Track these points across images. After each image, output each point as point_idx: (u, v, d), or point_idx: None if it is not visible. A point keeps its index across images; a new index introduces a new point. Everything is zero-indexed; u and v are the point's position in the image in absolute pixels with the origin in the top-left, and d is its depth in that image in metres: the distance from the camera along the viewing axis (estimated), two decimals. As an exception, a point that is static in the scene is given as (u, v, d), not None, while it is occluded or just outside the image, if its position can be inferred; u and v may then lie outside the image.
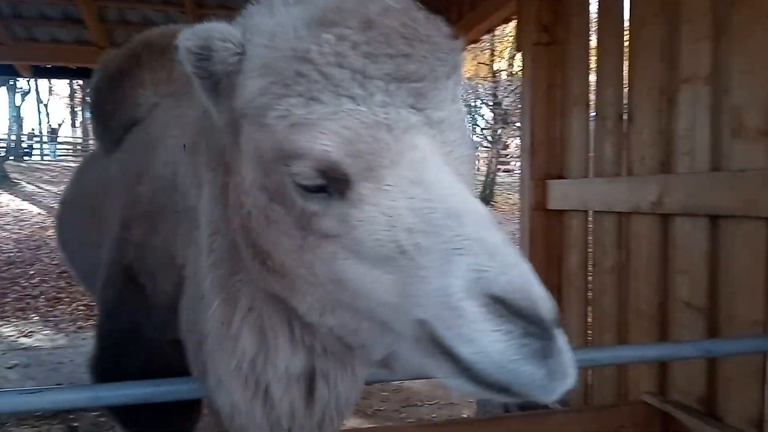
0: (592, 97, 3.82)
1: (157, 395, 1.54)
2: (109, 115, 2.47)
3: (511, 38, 19.10)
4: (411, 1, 1.09)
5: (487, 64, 24.24)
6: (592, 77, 3.84)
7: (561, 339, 0.87)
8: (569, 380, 0.86)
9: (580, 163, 3.95)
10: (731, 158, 2.67)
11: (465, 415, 4.86)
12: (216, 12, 6.81)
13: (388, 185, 0.95)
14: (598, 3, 3.69)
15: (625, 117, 3.44)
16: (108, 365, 2.01)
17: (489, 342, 0.84)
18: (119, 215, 2.20)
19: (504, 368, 0.84)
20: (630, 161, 3.37)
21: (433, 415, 5.00)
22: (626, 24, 3.44)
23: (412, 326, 0.94)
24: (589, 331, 3.89)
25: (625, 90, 3.45)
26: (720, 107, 2.73)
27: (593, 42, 3.83)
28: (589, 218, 3.84)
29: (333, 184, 0.97)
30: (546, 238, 4.23)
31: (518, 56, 4.55)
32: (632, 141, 3.35)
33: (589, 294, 3.86)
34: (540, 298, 0.85)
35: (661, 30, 3.09)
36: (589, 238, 3.85)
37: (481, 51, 23.42)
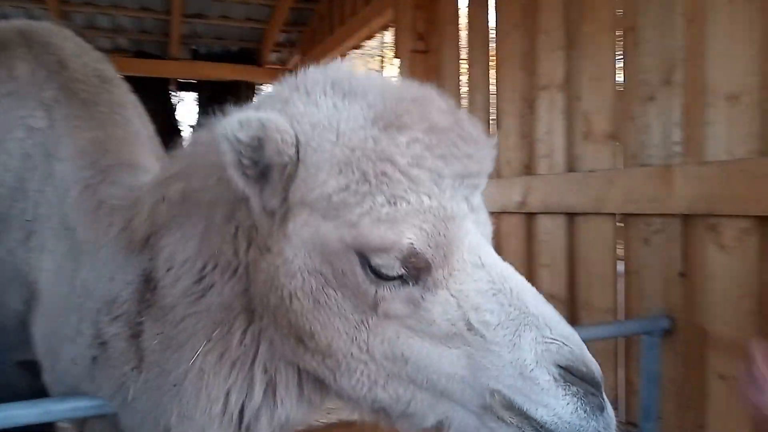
0: (464, 103, 3.99)
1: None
2: None
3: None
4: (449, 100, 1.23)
5: (377, 71, 24.59)
6: (464, 84, 4.01)
7: (605, 396, 1.06)
8: (615, 423, 1.05)
9: (454, 166, 4.09)
10: (583, 159, 2.89)
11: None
12: (81, 9, 6.40)
13: (457, 269, 1.07)
14: (467, 14, 3.87)
15: (493, 122, 3.63)
16: None
17: (562, 406, 1.01)
18: None
19: (575, 425, 1.02)
20: (498, 165, 3.55)
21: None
22: (492, 34, 3.63)
23: (481, 395, 1.06)
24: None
25: (493, 97, 3.63)
26: (573, 112, 2.95)
27: (464, 50, 4.00)
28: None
29: (411, 271, 1.06)
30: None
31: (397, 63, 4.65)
32: (500, 145, 3.51)
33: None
34: (593, 363, 1.04)
35: (522, 40, 3.30)
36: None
37: (371, 57, 23.74)
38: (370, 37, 5.65)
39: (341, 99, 1.16)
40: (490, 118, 3.65)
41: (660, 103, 2.42)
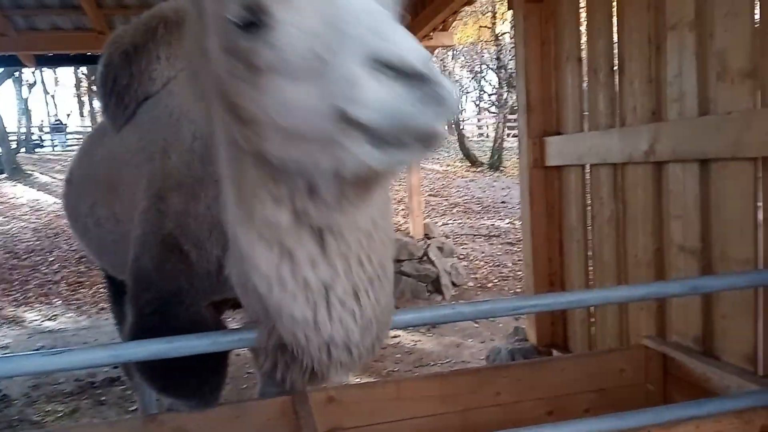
0: (584, 51, 3.85)
1: (173, 351, 1.66)
2: (123, 89, 2.51)
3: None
4: None
5: (489, 27, 23.90)
6: (584, 31, 3.86)
7: (438, 78, 0.98)
8: (447, 104, 0.98)
9: (575, 118, 3.99)
10: (717, 102, 2.71)
11: (476, 372, 5.00)
12: None
13: (298, 4, 1.06)
14: (586, -44, 3.69)
15: (616, 68, 3.48)
16: (150, 334, 2.11)
17: (376, 97, 0.98)
18: (147, 188, 2.28)
19: (395, 116, 0.98)
20: (623, 112, 3.42)
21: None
22: (613, -25, 3.45)
23: (330, 119, 1.05)
24: (590, 283, 3.98)
25: (616, 42, 3.47)
26: (705, 52, 2.76)
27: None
28: (586, 172, 3.90)
29: (258, 16, 1.07)
30: (546, 194, 4.30)
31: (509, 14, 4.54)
32: (624, 91, 3.39)
33: (590, 247, 3.94)
34: (413, 53, 0.98)
35: (647, -21, 3.11)
36: (587, 191, 3.92)
37: (483, 14, 23.10)
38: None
39: None
40: (614, 64, 3.50)
41: (806, 34, 2.22)
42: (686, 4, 2.83)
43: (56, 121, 38.42)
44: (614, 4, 3.45)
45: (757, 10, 2.53)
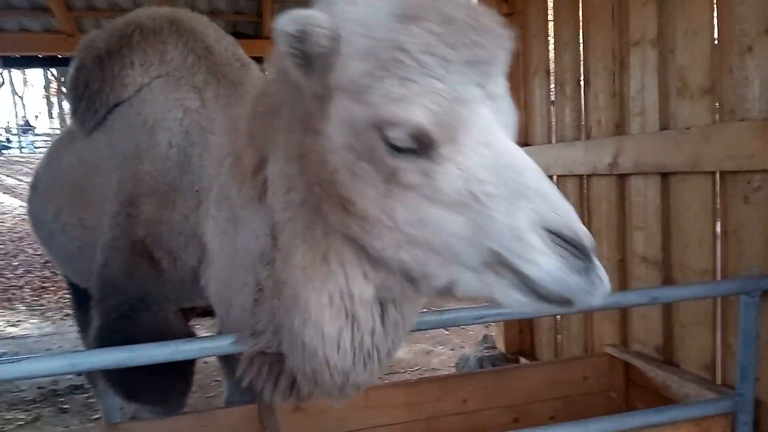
0: (551, 65, 3.93)
1: (133, 360, 1.66)
2: (94, 94, 2.48)
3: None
4: None
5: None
6: (551, 45, 3.94)
7: (596, 260, 1.17)
8: (605, 287, 1.16)
9: (543, 130, 4.07)
10: (677, 117, 2.80)
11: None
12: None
13: (464, 147, 1.21)
14: (554, -28, 3.78)
15: (582, 82, 3.56)
16: (116, 338, 2.08)
17: (549, 263, 1.14)
18: (118, 193, 2.27)
19: (560, 281, 1.14)
20: (588, 125, 3.50)
21: (415, 381, 5.16)
22: (580, -9, 3.54)
23: (481, 254, 1.22)
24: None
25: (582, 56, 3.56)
26: (666, 68, 2.85)
27: (551, 10, 3.92)
28: (554, 182, 3.96)
29: (421, 146, 1.22)
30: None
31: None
32: (589, 105, 3.47)
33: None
34: (582, 231, 1.16)
35: (612, -4, 3.19)
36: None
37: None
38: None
39: None
40: (580, 78, 3.58)
41: (759, 54, 2.31)
42: (649, 21, 2.92)
43: (25, 122, 37.61)
44: (581, 20, 3.53)
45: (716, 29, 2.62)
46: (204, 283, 2.10)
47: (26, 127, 36.19)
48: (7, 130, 36.13)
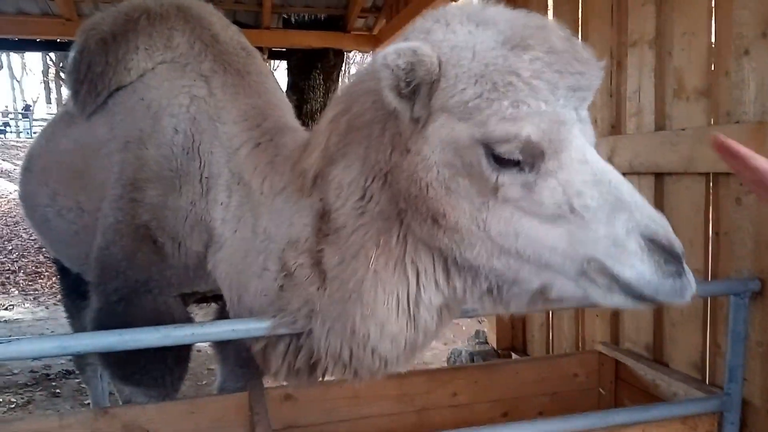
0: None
1: (123, 344, 1.66)
2: (97, 76, 2.46)
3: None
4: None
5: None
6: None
7: (686, 265, 1.30)
8: (692, 289, 1.30)
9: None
10: (673, 118, 2.81)
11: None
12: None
13: (564, 164, 1.33)
14: (554, -31, 3.78)
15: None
16: (115, 321, 2.09)
17: (645, 267, 1.27)
18: (120, 177, 2.26)
19: (654, 284, 1.27)
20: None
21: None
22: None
23: (578, 263, 1.34)
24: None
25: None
26: (663, 69, 2.86)
27: (550, 8, 3.92)
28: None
29: (528, 159, 1.33)
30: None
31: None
32: (587, 104, 3.47)
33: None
34: (675, 239, 1.29)
35: (611, -5, 3.20)
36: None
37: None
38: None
39: (475, 27, 1.43)
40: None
41: (756, 57, 2.32)
42: (647, 22, 2.92)
43: (25, 107, 37.42)
44: (579, 19, 3.53)
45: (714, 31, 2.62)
46: (211, 268, 2.12)
47: (26, 112, 36.00)
48: (5, 114, 35.93)
